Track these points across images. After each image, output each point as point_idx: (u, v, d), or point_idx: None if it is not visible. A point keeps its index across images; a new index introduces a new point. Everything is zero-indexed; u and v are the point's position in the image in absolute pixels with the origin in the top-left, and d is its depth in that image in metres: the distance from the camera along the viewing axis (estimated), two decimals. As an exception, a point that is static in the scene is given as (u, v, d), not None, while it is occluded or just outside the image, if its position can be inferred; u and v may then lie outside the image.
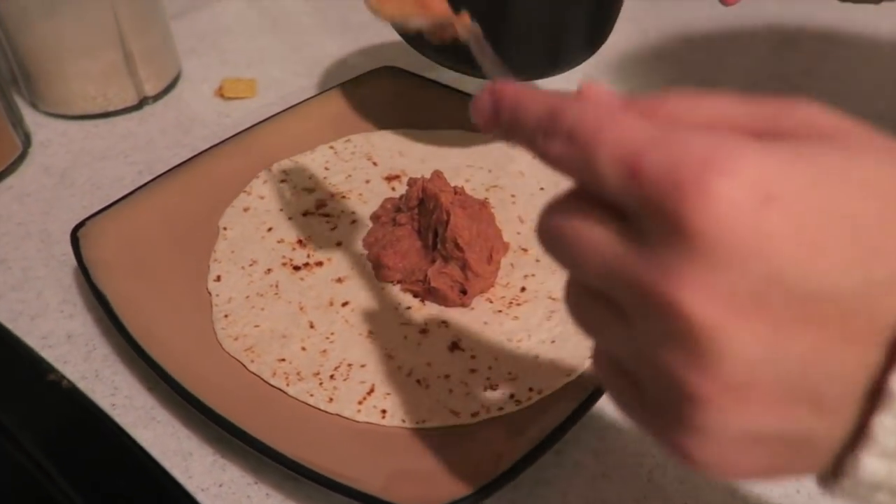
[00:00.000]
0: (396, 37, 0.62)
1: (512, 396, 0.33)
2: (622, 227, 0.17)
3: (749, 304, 0.15)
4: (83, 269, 0.37)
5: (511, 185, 0.45)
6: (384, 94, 0.51)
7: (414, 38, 0.46)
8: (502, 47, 0.42)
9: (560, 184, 0.44)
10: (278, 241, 0.41)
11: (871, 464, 0.15)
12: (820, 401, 0.16)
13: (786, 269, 0.15)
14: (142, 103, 0.53)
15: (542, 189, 0.44)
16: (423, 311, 0.37)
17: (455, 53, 0.43)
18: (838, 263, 0.15)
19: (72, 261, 0.41)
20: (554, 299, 0.38)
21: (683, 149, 0.15)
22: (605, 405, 0.34)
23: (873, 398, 0.15)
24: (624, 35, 0.48)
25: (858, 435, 0.16)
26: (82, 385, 0.35)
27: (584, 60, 0.47)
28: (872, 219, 0.15)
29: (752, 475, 0.17)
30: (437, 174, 0.40)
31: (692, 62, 0.61)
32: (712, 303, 0.15)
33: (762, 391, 0.15)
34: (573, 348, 0.35)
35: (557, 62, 0.46)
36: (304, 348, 0.35)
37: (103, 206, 0.41)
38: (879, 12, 0.67)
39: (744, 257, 0.15)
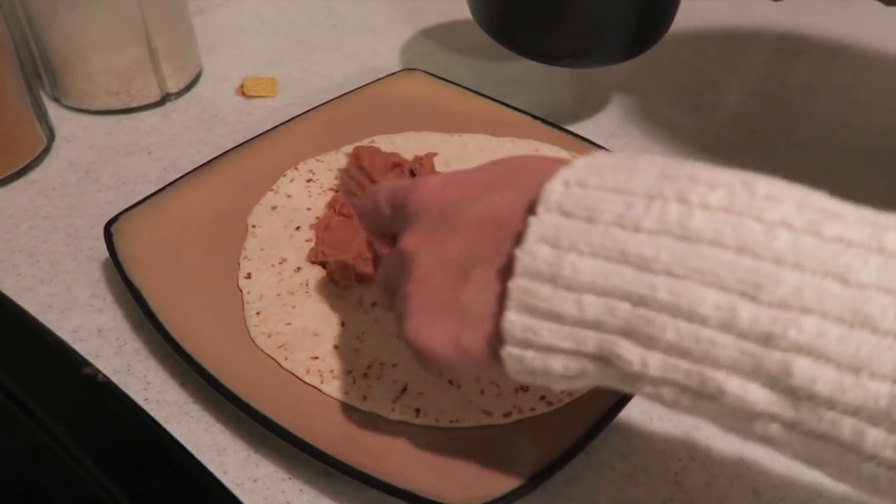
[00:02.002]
0: (410, 40, 0.63)
1: (543, 398, 0.34)
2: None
3: (430, 234, 0.26)
4: (117, 264, 0.37)
5: (534, 189, 0.45)
6: (407, 96, 0.51)
7: (495, 29, 0.48)
8: (550, 27, 0.44)
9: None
10: (306, 240, 0.41)
11: (511, 318, 0.23)
12: (470, 276, 0.24)
13: (447, 210, 0.26)
14: (164, 100, 0.53)
15: (564, 194, 0.45)
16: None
17: (533, 43, 0.47)
18: (474, 200, 0.25)
19: (99, 256, 0.42)
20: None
21: (409, 182, 0.29)
22: (633, 409, 0.34)
23: (508, 276, 0.23)
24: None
25: (501, 303, 0.23)
26: (115, 380, 0.35)
27: (629, 57, 0.49)
28: (491, 177, 0.26)
29: (442, 342, 0.25)
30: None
31: (706, 71, 0.62)
32: (413, 239, 0.27)
33: (433, 276, 0.25)
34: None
35: (600, 55, 0.48)
36: (336, 346, 0.36)
37: (129, 201, 0.42)
38: (886, 25, 0.68)
39: (428, 212, 0.27)
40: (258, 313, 0.37)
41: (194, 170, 0.44)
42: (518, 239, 0.23)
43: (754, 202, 0.20)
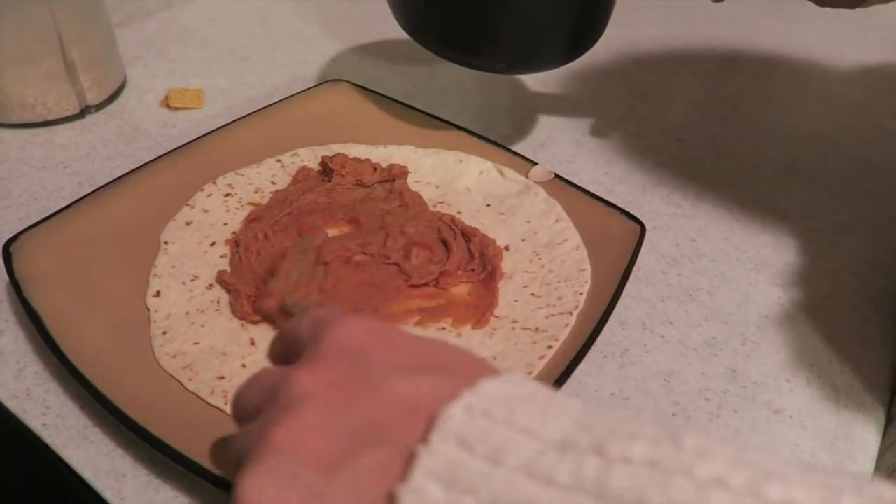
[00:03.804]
0: (343, 50, 0.63)
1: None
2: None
3: (335, 384, 0.22)
4: (15, 285, 0.36)
5: (457, 200, 0.45)
6: (333, 107, 0.51)
7: (417, 29, 0.46)
8: (488, 35, 0.44)
9: (504, 200, 0.45)
10: (221, 256, 0.41)
11: None
12: (356, 459, 0.20)
13: (366, 366, 0.22)
14: (84, 112, 0.52)
15: (488, 205, 0.45)
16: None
17: (460, 45, 0.45)
18: (399, 368, 0.22)
19: (3, 276, 0.40)
20: (497, 317, 0.38)
21: (339, 314, 0.24)
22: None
23: (392, 489, 0.19)
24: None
25: None
26: (12, 405, 0.34)
27: (563, 63, 0.48)
28: (425, 352, 0.23)
29: None
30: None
31: (638, 81, 0.62)
32: (314, 379, 0.22)
33: (316, 437, 0.20)
34: (514, 365, 0.35)
35: (536, 60, 0.47)
36: (244, 365, 0.35)
37: (39, 217, 0.41)
38: (817, 35, 0.70)
39: (342, 356, 0.22)
40: (164, 333, 0.36)
41: (106, 184, 0.43)
42: (424, 441, 0.20)
43: (682, 456, 0.18)
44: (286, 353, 0.26)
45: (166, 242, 0.41)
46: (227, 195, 0.44)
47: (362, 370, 0.22)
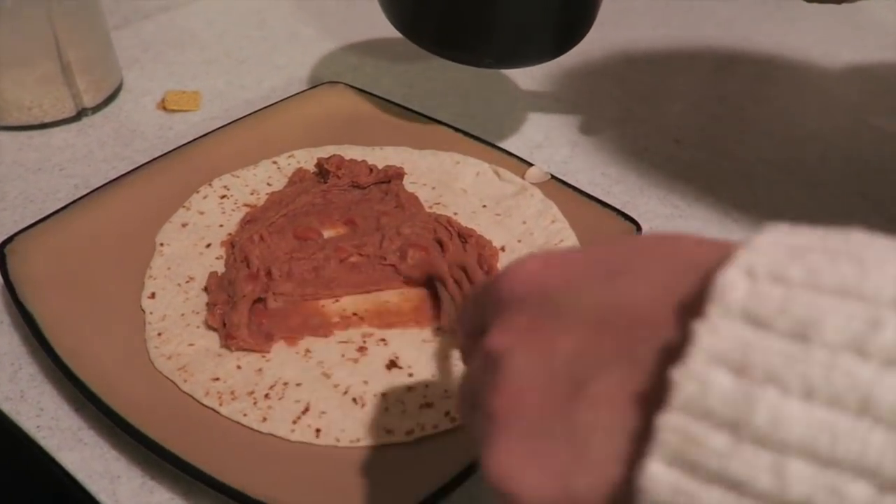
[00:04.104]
0: (341, 52, 0.63)
1: (447, 414, 0.33)
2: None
3: (528, 329, 0.19)
4: (9, 287, 0.36)
5: (454, 202, 0.45)
6: (329, 109, 0.51)
7: (407, 26, 0.46)
8: (475, 30, 0.43)
9: (500, 201, 0.45)
10: (217, 258, 0.41)
11: (656, 471, 0.15)
12: (587, 390, 0.17)
13: (552, 297, 0.19)
14: (80, 115, 0.52)
15: (484, 206, 0.45)
16: (362, 328, 0.37)
17: (448, 41, 0.45)
18: (590, 284, 0.19)
19: (-1, 277, 0.40)
20: (492, 316, 0.38)
21: (504, 268, 0.22)
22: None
23: (649, 401, 0.16)
24: (568, 54, 0.49)
25: (640, 442, 0.16)
26: (6, 406, 0.34)
27: (552, 57, 0.48)
28: (615, 255, 0.20)
29: (543, 487, 0.17)
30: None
31: (635, 81, 0.62)
32: (503, 336, 0.19)
33: (532, 389, 0.18)
34: (510, 365, 0.35)
35: (524, 54, 0.47)
36: (239, 367, 0.35)
37: (35, 220, 0.40)
38: (815, 36, 0.70)
39: (526, 299, 0.20)
40: (160, 334, 0.36)
41: (102, 186, 0.43)
42: (665, 347, 0.16)
43: None
44: (471, 330, 0.23)
45: (162, 244, 0.41)
46: (223, 197, 0.44)
47: (548, 304, 0.19)
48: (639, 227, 0.42)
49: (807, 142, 0.57)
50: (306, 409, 0.33)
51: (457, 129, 0.49)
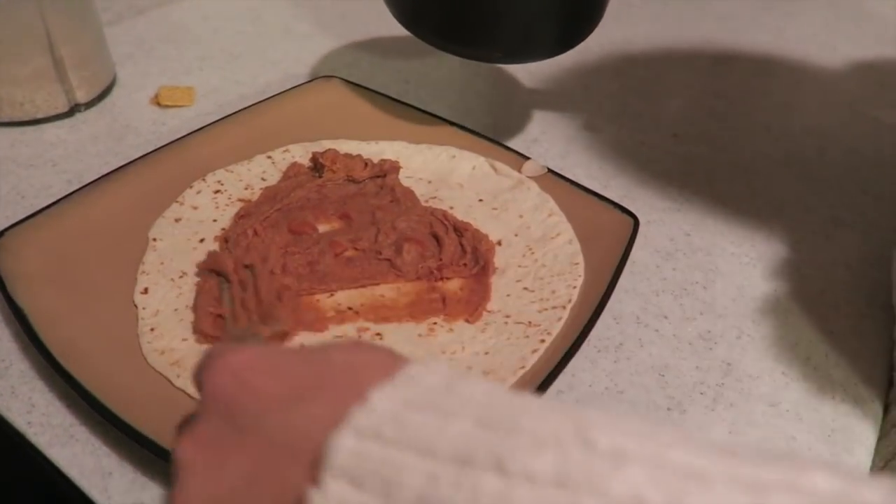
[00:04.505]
0: (336, 47, 0.62)
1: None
2: None
3: (208, 444, 0.20)
4: (0, 282, 0.36)
5: (450, 196, 0.45)
6: (324, 104, 0.50)
7: (412, 21, 0.45)
8: (483, 24, 0.43)
9: (497, 195, 0.45)
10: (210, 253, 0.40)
11: None
12: None
13: (238, 411, 0.20)
14: (73, 110, 0.52)
15: (480, 200, 0.45)
16: (358, 322, 0.37)
17: (455, 35, 0.44)
18: (272, 404, 0.20)
19: (-10, 273, 0.40)
20: (489, 311, 0.38)
21: (215, 353, 0.22)
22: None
23: None
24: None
25: None
26: (-4, 403, 0.34)
27: (558, 52, 0.47)
28: (306, 372, 0.20)
29: None
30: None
31: (633, 76, 0.62)
32: (188, 446, 0.21)
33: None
34: (506, 360, 0.35)
35: (532, 48, 0.46)
36: (232, 362, 0.35)
37: (27, 215, 0.40)
38: (811, 31, 0.70)
39: (216, 407, 0.21)
40: (152, 329, 0.36)
41: (94, 181, 0.42)
42: (300, 498, 0.18)
43: (593, 465, 0.15)
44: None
45: (154, 239, 0.40)
46: (217, 192, 0.44)
47: (233, 419, 0.20)
48: (637, 221, 0.41)
49: (805, 136, 0.56)
50: (301, 404, 0.33)
51: (452, 123, 0.49)
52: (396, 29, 0.47)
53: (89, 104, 0.53)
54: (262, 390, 0.20)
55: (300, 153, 0.47)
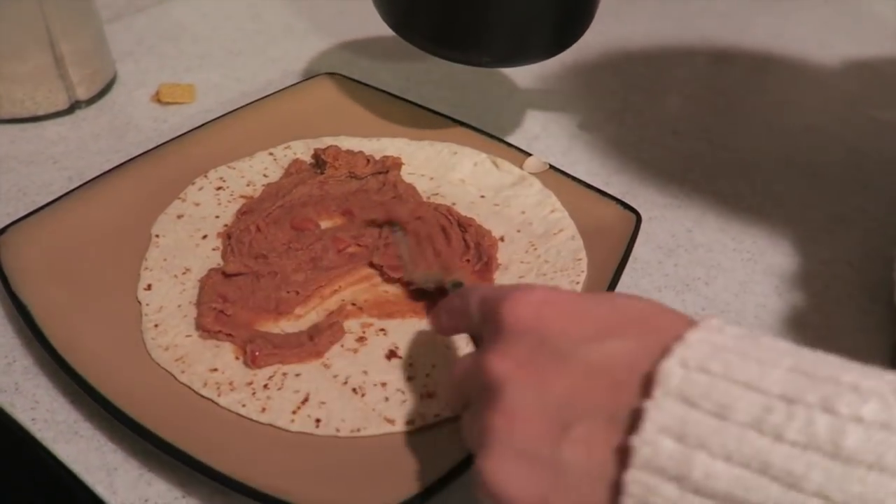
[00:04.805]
0: (336, 45, 0.62)
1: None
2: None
3: (527, 363, 0.23)
4: (3, 278, 0.36)
5: (452, 192, 0.45)
6: (325, 100, 0.50)
7: (401, 25, 0.45)
8: (471, 30, 0.43)
9: (499, 191, 0.45)
10: (213, 249, 0.40)
11: (638, 479, 0.20)
12: (572, 430, 0.21)
13: (550, 339, 0.23)
14: (73, 107, 0.51)
15: (482, 196, 0.45)
16: (361, 318, 0.37)
17: (444, 40, 0.44)
18: (582, 337, 0.23)
19: (-7, 269, 0.39)
20: (492, 306, 0.38)
21: (506, 290, 0.26)
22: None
23: (616, 453, 0.20)
24: (565, 47, 0.48)
25: (610, 488, 0.20)
26: (0, 399, 0.34)
27: (549, 56, 0.47)
28: (604, 314, 0.23)
29: (526, 497, 0.22)
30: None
31: (633, 74, 0.62)
32: (505, 363, 0.23)
33: (528, 417, 0.22)
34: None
35: (521, 53, 0.46)
36: (237, 357, 0.35)
37: (28, 212, 0.40)
38: (811, 29, 0.70)
39: (526, 333, 0.23)
40: (156, 326, 0.36)
41: (97, 177, 0.42)
42: (633, 412, 0.20)
43: None
44: (454, 326, 0.29)
45: (157, 235, 0.40)
46: (219, 188, 0.44)
47: (547, 345, 0.23)
48: (639, 217, 0.42)
49: (805, 133, 0.56)
50: (306, 400, 0.33)
51: (454, 120, 0.49)
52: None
53: (90, 101, 0.52)
54: (568, 322, 0.23)
55: (302, 150, 0.47)
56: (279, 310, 0.37)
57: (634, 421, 0.20)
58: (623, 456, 0.20)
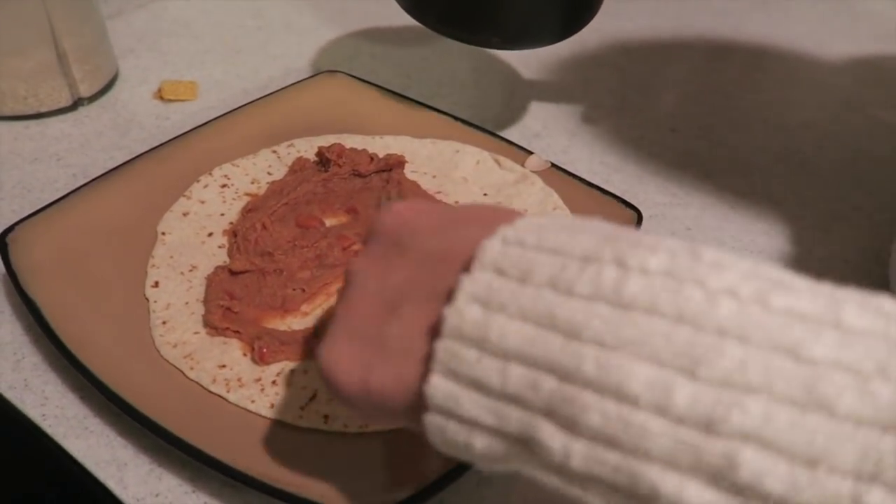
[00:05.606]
0: (337, 42, 0.63)
1: (454, 399, 0.33)
2: None
3: (378, 258, 0.25)
4: (12, 275, 0.36)
5: (454, 190, 0.45)
6: (328, 98, 0.51)
7: (416, 7, 0.46)
8: (484, 10, 0.43)
9: (501, 189, 0.45)
10: (219, 247, 0.40)
11: (435, 382, 0.21)
12: (400, 310, 0.23)
13: (404, 237, 0.25)
14: (76, 104, 0.52)
15: (485, 195, 0.45)
16: (367, 315, 0.37)
17: (460, 21, 0.45)
18: (428, 231, 0.24)
19: (0, 267, 0.40)
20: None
21: (387, 205, 0.27)
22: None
23: (435, 327, 0.21)
24: (565, 43, 0.49)
25: (424, 361, 0.21)
26: (10, 395, 0.34)
27: (556, 41, 0.48)
28: (455, 214, 0.25)
29: (350, 372, 0.23)
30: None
31: (630, 71, 0.62)
32: (361, 262, 0.25)
33: (365, 304, 0.24)
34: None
35: (530, 36, 0.46)
36: (245, 354, 0.35)
37: (33, 209, 0.40)
38: (807, 26, 0.71)
39: (386, 235, 0.25)
40: (164, 323, 0.36)
41: (101, 176, 0.42)
42: (452, 289, 0.21)
43: (698, 268, 0.18)
44: None
45: (163, 233, 0.41)
46: (224, 186, 0.44)
47: (400, 241, 0.24)
48: (640, 215, 0.42)
49: (802, 130, 0.57)
50: (314, 396, 0.33)
51: (456, 118, 0.49)
52: (397, 23, 0.48)
53: (92, 98, 0.53)
54: (427, 222, 0.25)
55: (305, 147, 0.47)
56: (285, 307, 0.37)
57: (452, 295, 0.21)
58: (438, 328, 0.21)
